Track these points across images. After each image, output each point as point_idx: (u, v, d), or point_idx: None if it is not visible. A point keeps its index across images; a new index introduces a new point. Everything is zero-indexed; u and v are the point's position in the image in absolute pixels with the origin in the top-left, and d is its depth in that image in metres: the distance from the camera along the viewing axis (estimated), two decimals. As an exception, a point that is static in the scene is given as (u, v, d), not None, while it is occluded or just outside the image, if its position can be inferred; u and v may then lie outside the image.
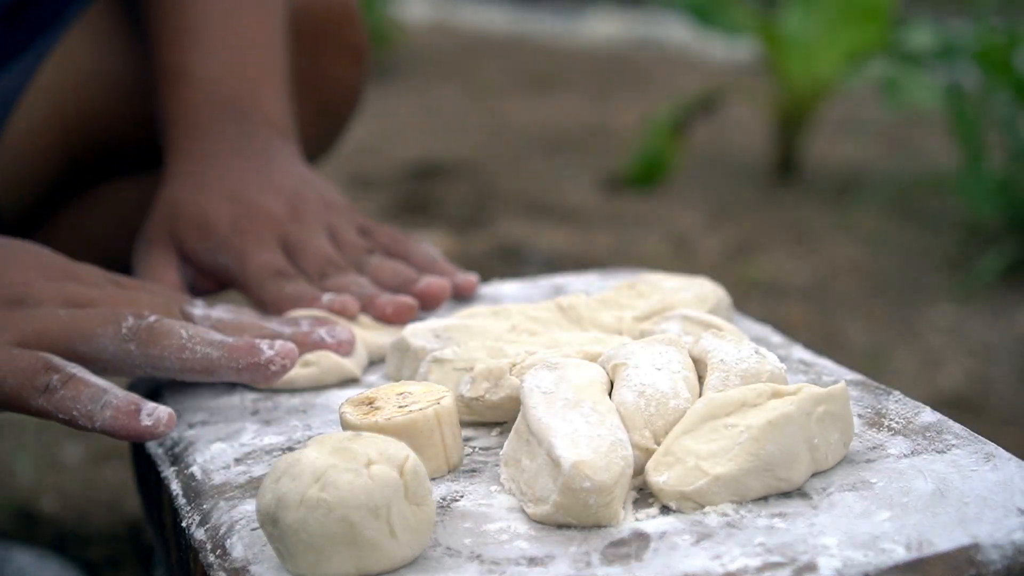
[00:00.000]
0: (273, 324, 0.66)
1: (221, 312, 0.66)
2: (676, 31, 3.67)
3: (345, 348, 0.65)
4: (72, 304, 0.62)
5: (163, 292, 0.67)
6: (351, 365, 0.65)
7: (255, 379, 0.61)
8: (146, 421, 0.56)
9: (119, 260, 0.76)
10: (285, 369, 0.61)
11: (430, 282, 0.71)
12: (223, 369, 0.60)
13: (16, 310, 0.60)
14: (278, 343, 0.61)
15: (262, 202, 0.75)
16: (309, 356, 0.64)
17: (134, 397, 0.57)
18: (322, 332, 0.65)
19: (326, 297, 0.69)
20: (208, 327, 0.63)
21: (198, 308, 0.65)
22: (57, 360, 0.58)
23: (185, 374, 0.60)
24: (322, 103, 0.93)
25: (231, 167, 0.77)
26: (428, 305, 0.71)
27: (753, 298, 1.64)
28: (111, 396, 0.57)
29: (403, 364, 0.64)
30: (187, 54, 0.80)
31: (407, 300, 0.69)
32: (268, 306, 0.70)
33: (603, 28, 4.06)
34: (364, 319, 0.70)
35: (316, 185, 0.78)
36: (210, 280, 0.75)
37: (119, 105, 0.87)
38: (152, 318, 0.60)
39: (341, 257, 0.73)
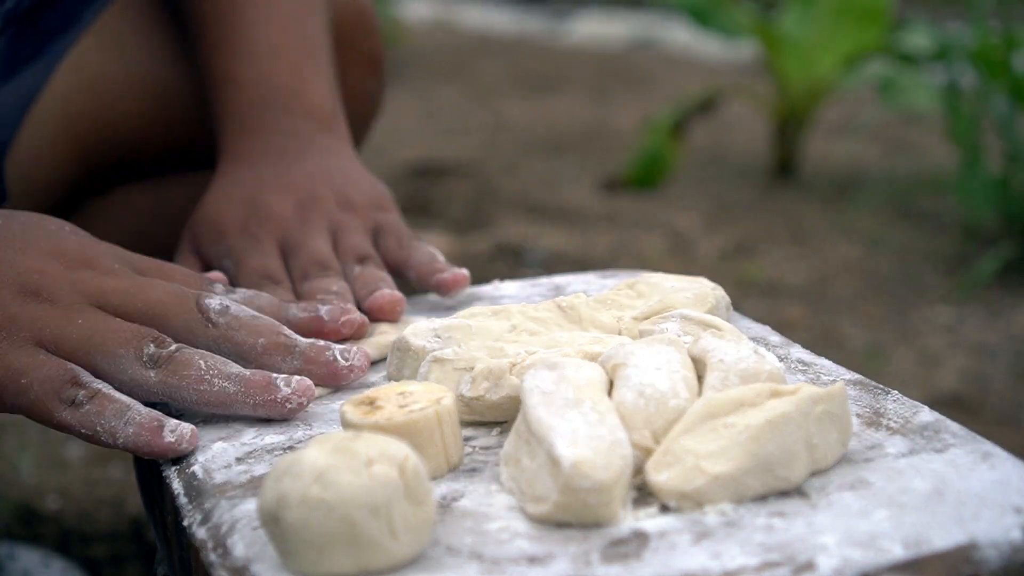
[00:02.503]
0: (293, 309, 0.66)
1: (238, 307, 0.65)
2: (676, 32, 3.68)
3: (357, 374, 0.64)
4: (87, 296, 0.61)
5: (181, 277, 0.67)
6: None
7: (271, 415, 0.60)
8: (169, 438, 0.57)
9: None
10: (301, 407, 0.60)
11: (376, 296, 0.70)
12: (239, 404, 0.60)
13: (31, 303, 0.60)
14: (295, 380, 0.60)
15: (272, 203, 0.75)
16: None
17: (156, 414, 0.57)
18: (336, 352, 0.63)
19: (292, 310, 0.68)
20: (223, 324, 0.63)
21: (215, 299, 0.64)
22: (85, 375, 0.58)
23: (201, 406, 0.60)
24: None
25: (256, 170, 0.78)
26: (381, 318, 0.70)
27: (752, 298, 1.64)
28: (134, 412, 0.57)
29: (403, 364, 0.64)
30: (231, 58, 0.81)
31: (349, 313, 0.68)
32: None
33: (602, 28, 4.06)
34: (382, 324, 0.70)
35: (340, 182, 0.78)
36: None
37: (132, 110, 0.87)
38: (173, 347, 0.60)
39: (333, 259, 0.73)
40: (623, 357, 0.55)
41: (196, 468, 0.57)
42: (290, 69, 0.82)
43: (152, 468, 0.61)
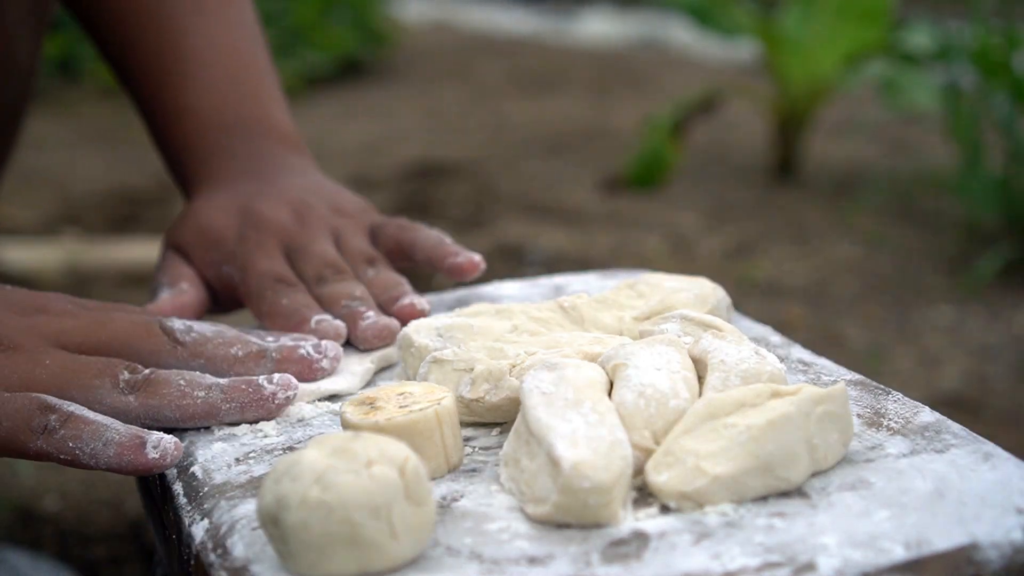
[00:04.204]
0: (253, 337, 0.64)
1: (202, 325, 0.64)
2: (676, 31, 3.68)
3: (334, 364, 0.64)
4: (48, 340, 0.60)
5: (136, 310, 0.65)
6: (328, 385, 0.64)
7: (260, 416, 0.60)
8: (152, 454, 0.55)
9: None
10: (289, 401, 0.60)
11: (401, 306, 0.70)
12: (224, 411, 0.59)
13: None
14: (276, 376, 0.60)
15: (267, 211, 0.74)
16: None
17: (136, 430, 0.56)
18: (308, 347, 0.63)
19: (314, 320, 0.67)
20: (191, 341, 0.62)
21: (178, 322, 0.64)
22: (53, 399, 0.56)
23: (186, 421, 0.59)
24: None
25: (241, 185, 0.77)
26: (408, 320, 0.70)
27: (752, 298, 1.64)
28: (112, 432, 0.55)
29: (406, 361, 0.64)
30: (185, 91, 0.81)
31: (389, 323, 0.68)
32: (264, 318, 0.70)
33: (603, 28, 4.06)
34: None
35: (326, 192, 0.77)
36: (223, 292, 0.74)
37: None
38: (148, 370, 0.59)
39: (343, 261, 0.72)
40: (623, 357, 0.55)
41: (196, 469, 0.57)
42: (249, 97, 0.81)
43: (151, 469, 0.61)
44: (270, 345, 0.63)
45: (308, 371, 0.63)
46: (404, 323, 0.69)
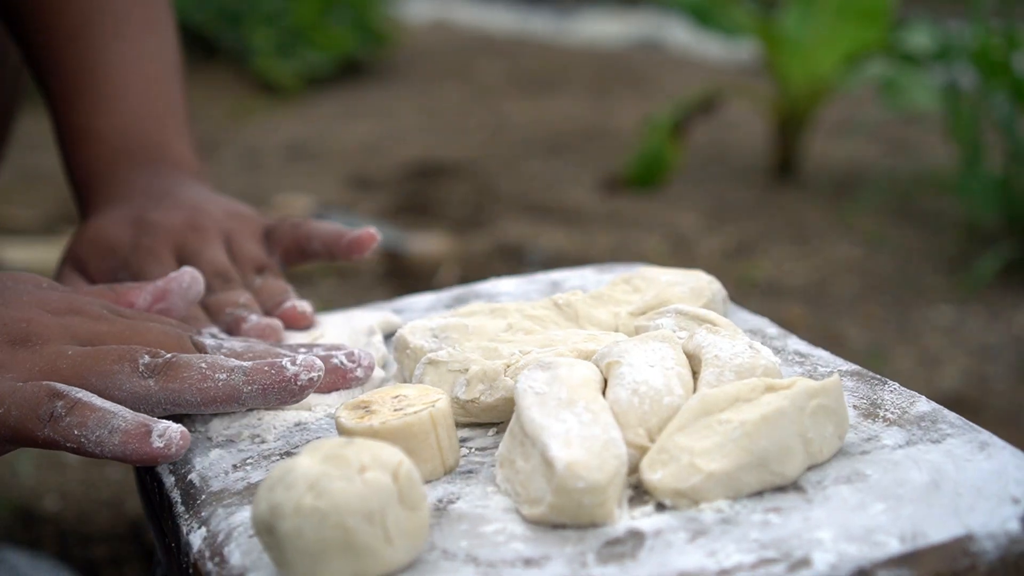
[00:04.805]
0: (284, 350, 0.64)
1: (233, 341, 0.64)
2: (676, 31, 3.67)
3: (368, 372, 0.63)
4: (79, 341, 0.60)
5: (169, 322, 0.65)
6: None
7: (283, 398, 0.58)
8: (157, 443, 0.54)
9: None
10: (312, 383, 0.58)
11: (284, 309, 0.70)
12: (247, 395, 0.58)
13: (20, 349, 0.58)
14: (300, 357, 0.59)
15: (160, 218, 0.75)
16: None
17: (143, 418, 0.55)
18: (341, 357, 0.63)
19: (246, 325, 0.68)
20: (222, 355, 0.61)
21: (208, 338, 0.63)
22: (61, 387, 0.55)
23: (208, 405, 0.58)
24: None
25: (136, 200, 0.77)
26: (293, 327, 0.70)
27: (752, 298, 1.64)
28: (119, 420, 0.54)
29: (402, 363, 0.64)
30: (91, 114, 0.82)
31: (271, 323, 0.68)
32: None
33: (602, 28, 4.06)
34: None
35: (221, 199, 0.78)
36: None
37: None
38: (169, 355, 0.59)
39: (232, 269, 0.73)
40: (617, 355, 0.55)
41: (193, 476, 0.57)
42: (156, 127, 0.82)
43: (151, 475, 0.61)
44: (300, 355, 0.61)
45: (342, 380, 0.62)
46: (287, 325, 0.69)
